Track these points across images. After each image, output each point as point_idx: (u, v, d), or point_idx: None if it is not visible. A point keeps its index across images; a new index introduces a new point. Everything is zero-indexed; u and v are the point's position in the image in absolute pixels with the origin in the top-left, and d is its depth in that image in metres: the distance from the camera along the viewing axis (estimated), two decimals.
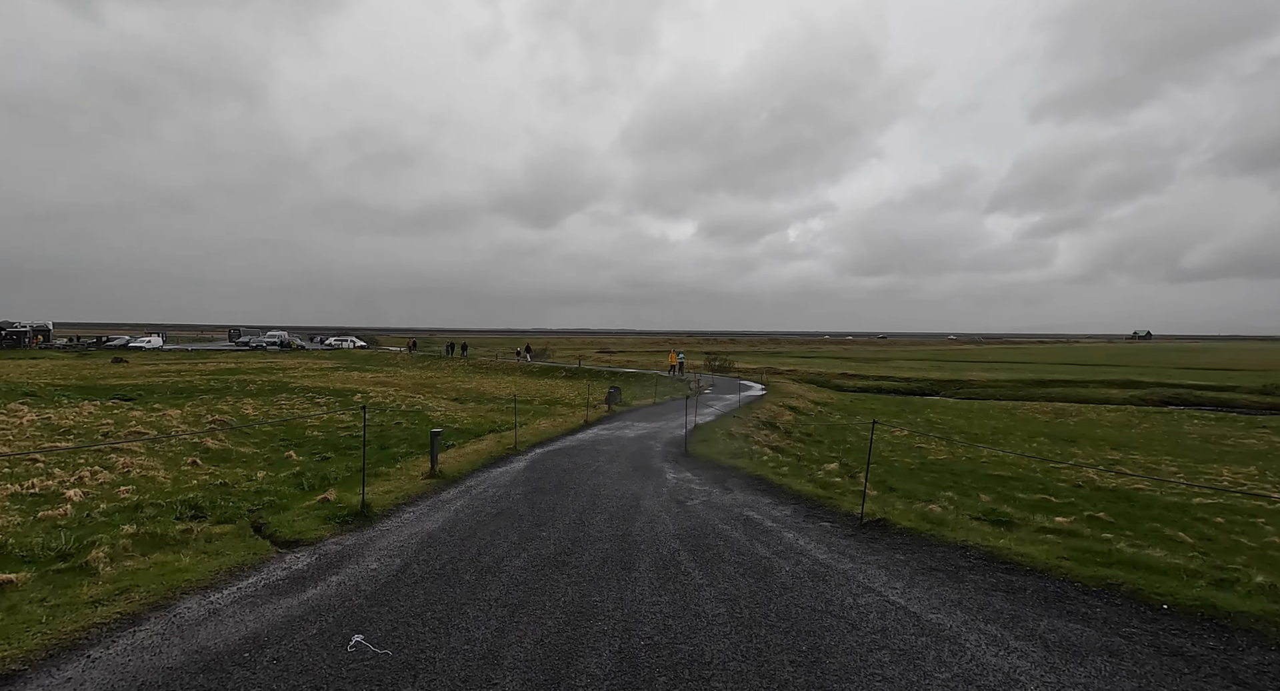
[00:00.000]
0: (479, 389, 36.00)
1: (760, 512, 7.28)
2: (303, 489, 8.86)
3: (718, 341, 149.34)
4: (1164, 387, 47.52)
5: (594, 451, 12.63)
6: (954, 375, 57.75)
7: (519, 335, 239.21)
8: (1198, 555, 7.62)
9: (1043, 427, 25.30)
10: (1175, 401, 42.80)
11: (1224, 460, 18.47)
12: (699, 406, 23.95)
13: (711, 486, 9.01)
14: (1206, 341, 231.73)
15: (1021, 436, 22.79)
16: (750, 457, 11.44)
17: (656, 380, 38.14)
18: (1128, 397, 44.17)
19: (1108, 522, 11.99)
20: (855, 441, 21.00)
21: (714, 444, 13.96)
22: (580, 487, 8.77)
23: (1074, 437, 22.44)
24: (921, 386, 50.83)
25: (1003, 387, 49.60)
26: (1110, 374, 59.52)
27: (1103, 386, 49.51)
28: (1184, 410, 35.55)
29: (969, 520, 6.80)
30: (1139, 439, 22.50)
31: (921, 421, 26.58)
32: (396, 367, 56.22)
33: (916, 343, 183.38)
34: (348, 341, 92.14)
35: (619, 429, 17.00)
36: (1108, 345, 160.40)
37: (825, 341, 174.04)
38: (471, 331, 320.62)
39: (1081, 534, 6.69)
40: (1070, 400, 42.44)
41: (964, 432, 23.52)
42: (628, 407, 22.98)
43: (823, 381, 51.19)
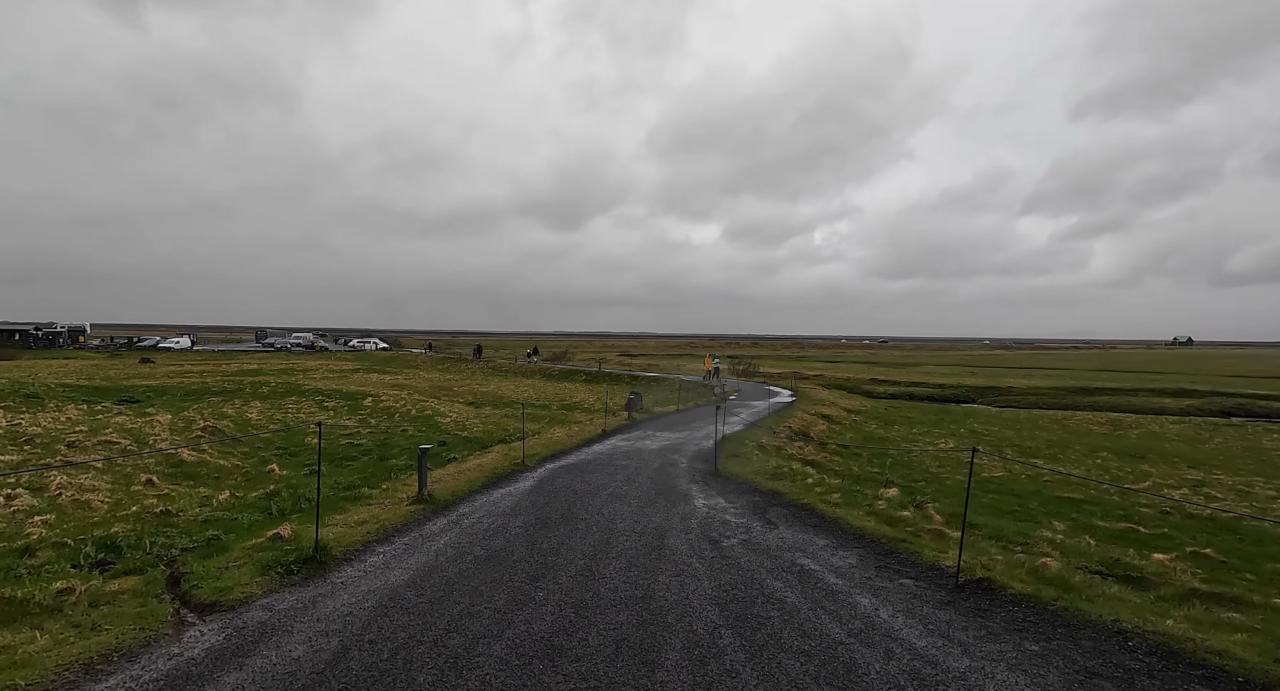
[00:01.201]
0: (496, 392, 34.90)
1: (818, 560, 5.75)
2: (270, 515, 7.58)
3: (741, 345, 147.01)
4: (1222, 397, 44.38)
5: (611, 468, 11.19)
6: (990, 382, 55.02)
7: (541, 337, 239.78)
8: None
9: (1102, 441, 23.14)
10: (1237, 412, 39.80)
11: None
12: (726, 414, 22.36)
13: (750, 518, 7.50)
14: (1251, 348, 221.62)
15: (1081, 451, 20.74)
16: (791, 479, 9.88)
17: (679, 385, 36.60)
18: (1184, 407, 41.26)
19: (1218, 561, 10.13)
20: (898, 455, 19.22)
21: (746, 460, 12.41)
22: (592, 518, 7.33)
23: (1141, 453, 20.32)
24: (957, 393, 48.39)
25: (1045, 395, 46.88)
26: (1159, 382, 56.18)
27: (1154, 395, 46.48)
28: (1256, 422, 32.78)
29: (1090, 577, 5.18)
30: (1216, 455, 20.28)
31: (966, 432, 24.60)
32: (416, 370, 55.63)
33: (945, 347, 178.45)
34: (370, 343, 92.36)
35: (640, 440, 15.55)
36: (1148, 351, 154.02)
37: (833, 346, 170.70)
38: (494, 334, 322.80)
39: (1250, 602, 5.02)
40: (1121, 410, 39.73)
41: (1015, 446, 21.55)
42: (649, 415, 21.51)
43: (852, 387, 49.08)
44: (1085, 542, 6.61)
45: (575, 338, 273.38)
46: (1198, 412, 39.57)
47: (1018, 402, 43.89)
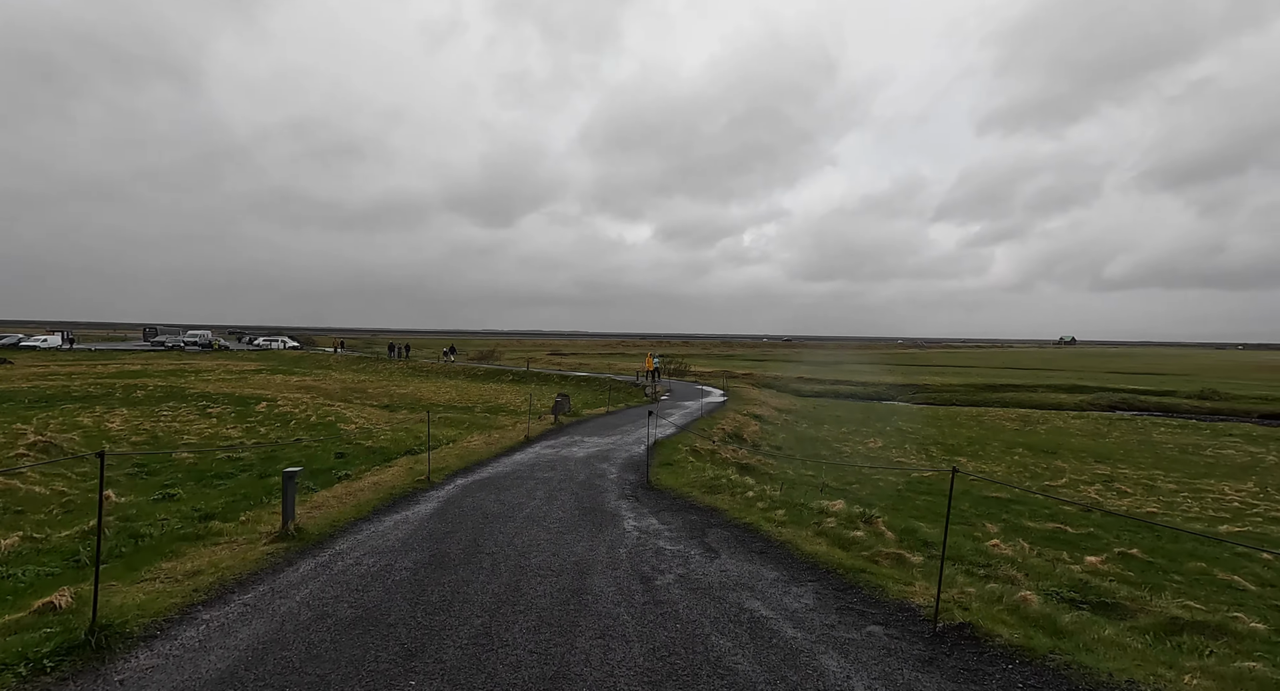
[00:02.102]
0: (415, 395, 32.57)
1: (770, 602, 4.81)
2: (76, 564, 5.86)
3: (672, 344, 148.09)
4: (1109, 392, 48.24)
5: (532, 482, 9.94)
6: (908, 379, 57.48)
7: (470, 336, 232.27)
8: None
9: (1016, 437, 24.07)
10: (1122, 406, 43.28)
11: (1214, 474, 17.36)
12: (658, 416, 21.50)
13: (688, 543, 6.51)
14: (1125, 347, 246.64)
15: (999, 447, 21.38)
16: (730, 492, 9.00)
17: (610, 385, 35.52)
18: (1078, 403, 44.46)
19: (1145, 561, 10.17)
20: (830, 455, 19.01)
21: (681, 469, 11.49)
22: (501, 551, 6.10)
23: (1053, 449, 21.17)
24: (879, 391, 50.10)
25: (958, 392, 49.33)
26: (1054, 379, 60.56)
27: (1051, 391, 49.94)
28: (1144, 416, 35.56)
29: (1078, 614, 4.52)
30: (1117, 449, 21.43)
31: (892, 431, 24.97)
32: (328, 371, 51.63)
33: (863, 347, 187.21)
34: (278, 342, 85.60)
35: (566, 446, 14.34)
36: (1039, 350, 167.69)
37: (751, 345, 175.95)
38: (421, 332, 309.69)
39: (1234, 631, 4.51)
40: (1025, 406, 42.29)
41: (939, 444, 21.96)
42: (578, 418, 20.30)
43: (780, 385, 49.77)
44: (1050, 564, 6.06)
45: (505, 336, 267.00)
46: (1090, 407, 42.71)
47: (934, 400, 45.87)
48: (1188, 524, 12.14)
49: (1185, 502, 13.95)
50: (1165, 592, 8.71)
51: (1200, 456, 20.25)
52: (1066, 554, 10.41)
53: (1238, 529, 11.70)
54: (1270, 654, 4.26)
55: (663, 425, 19.51)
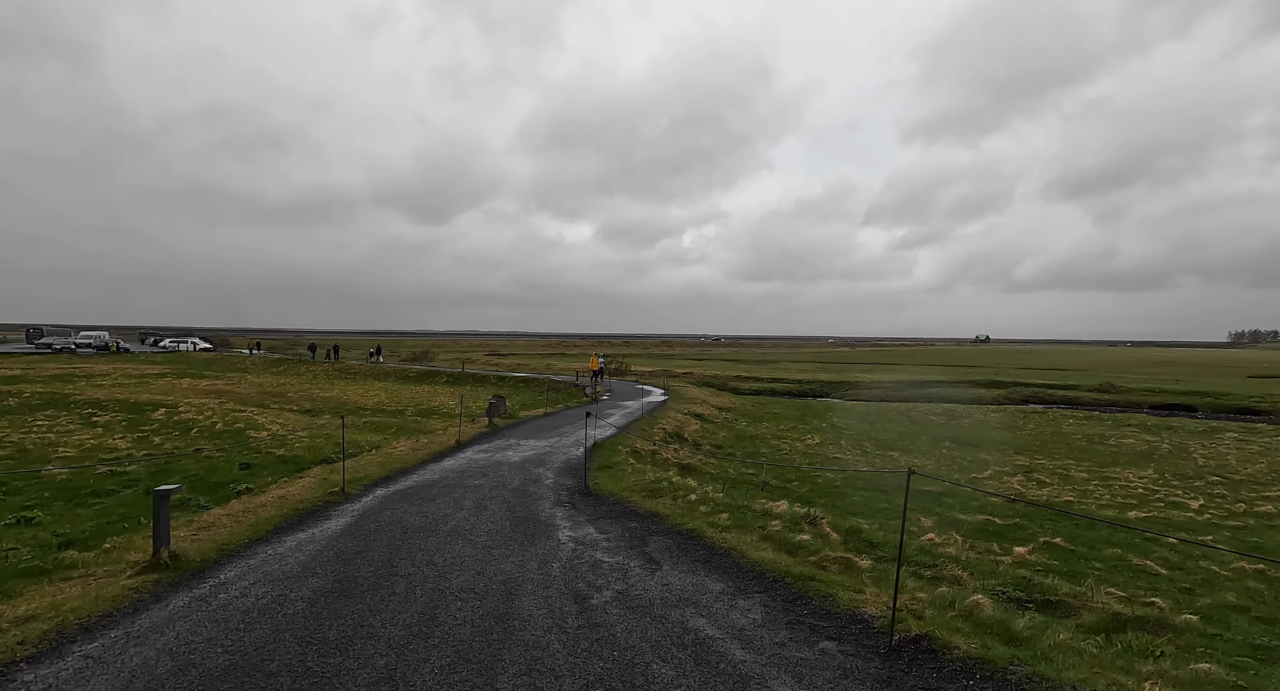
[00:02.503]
0: (341, 398, 30.63)
1: (715, 619, 4.41)
2: None
3: (613, 344, 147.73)
4: (1022, 387, 51.50)
5: (460, 490, 9.21)
6: (840, 377, 59.41)
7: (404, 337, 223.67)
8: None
9: (943, 431, 25.06)
10: (1034, 399, 46.21)
11: (1119, 462, 18.54)
12: (598, 416, 20.99)
13: (628, 554, 6.05)
14: (1033, 344, 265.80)
15: (928, 441, 22.14)
16: (672, 495, 8.62)
17: (549, 385, 34.66)
18: (995, 397, 47.13)
19: (1067, 550, 10.54)
20: (770, 453, 19.08)
21: (621, 471, 11.02)
22: (419, 573, 5.44)
23: (977, 442, 22.12)
24: (814, 388, 51.46)
25: (887, 389, 51.32)
26: (973, 374, 64.12)
27: (971, 386, 52.78)
28: (1053, 409, 38.01)
29: (1031, 617, 4.37)
30: (1033, 441, 22.64)
31: (828, 427, 25.47)
32: (244, 374, 48.03)
33: (798, 345, 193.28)
34: (188, 343, 79.19)
35: (501, 450, 13.61)
36: (958, 348, 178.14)
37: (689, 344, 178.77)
38: (352, 332, 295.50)
39: (1174, 626, 4.49)
40: (948, 401, 44.36)
41: (872, 439, 22.52)
42: (514, 420, 19.50)
43: (720, 384, 50.25)
44: (993, 562, 5.96)
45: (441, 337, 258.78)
46: (1005, 401, 45.36)
47: (864, 396, 47.51)
48: (1101, 511, 12.76)
49: (1097, 490, 14.74)
50: (1088, 580, 9.03)
51: (1105, 446, 21.67)
52: (997, 545, 10.66)
53: (1144, 514, 12.39)
54: (1211, 648, 4.24)
55: (603, 426, 19.01)
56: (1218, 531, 11.42)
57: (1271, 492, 14.61)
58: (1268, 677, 3.57)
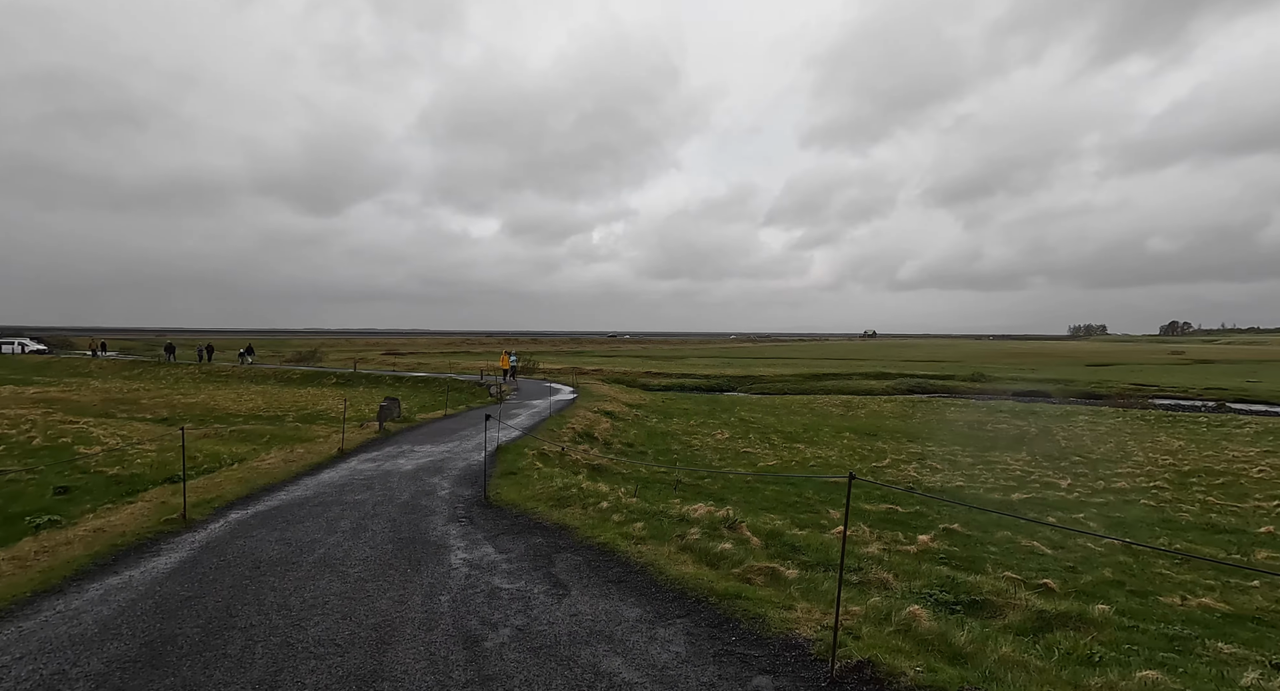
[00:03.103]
0: (208, 404, 27.12)
1: (632, 656, 3.77)
2: None
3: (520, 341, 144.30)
4: (907, 378, 55.52)
5: (338, 507, 7.98)
6: (745, 371, 61.21)
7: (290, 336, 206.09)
8: None
9: (842, 422, 26.13)
10: (918, 389, 49.89)
11: (997, 446, 20.03)
12: (503, 417, 19.83)
13: (531, 578, 5.27)
14: (913, 339, 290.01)
15: (830, 432, 22.91)
16: (582, 503, 7.90)
17: (451, 385, 32.71)
18: (885, 388, 50.43)
19: (963, 534, 10.96)
20: (681, 450, 18.85)
21: (526, 478, 10.15)
22: (267, 622, 4.37)
23: (874, 431, 23.19)
24: (720, 383, 52.59)
25: (789, 382, 53.46)
26: (863, 367, 68.35)
27: (864, 378, 56.21)
28: (936, 398, 41.09)
29: (964, 625, 4.09)
30: (923, 429, 24.09)
31: (736, 421, 25.77)
32: (86, 378, 41.68)
33: (705, 341, 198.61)
34: (14, 345, 68.03)
35: (392, 458, 12.26)
36: (849, 343, 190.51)
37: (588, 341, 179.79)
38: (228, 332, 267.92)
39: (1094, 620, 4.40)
40: (845, 392, 46.86)
41: (779, 431, 22.98)
42: (410, 424, 17.92)
43: (629, 380, 50.08)
44: (916, 566, 5.75)
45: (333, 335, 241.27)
46: (894, 391, 48.63)
47: (768, 389, 49.17)
48: (988, 494, 13.52)
49: (982, 475, 15.71)
50: (987, 564, 9.36)
51: (984, 431, 23.48)
52: (901, 534, 10.90)
53: (1025, 496, 13.26)
54: (1133, 642, 4.16)
55: (508, 427, 17.92)
56: (1087, 508, 12.37)
57: (1122, 469, 16.25)
58: (1204, 680, 3.45)
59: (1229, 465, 16.44)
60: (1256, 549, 9.66)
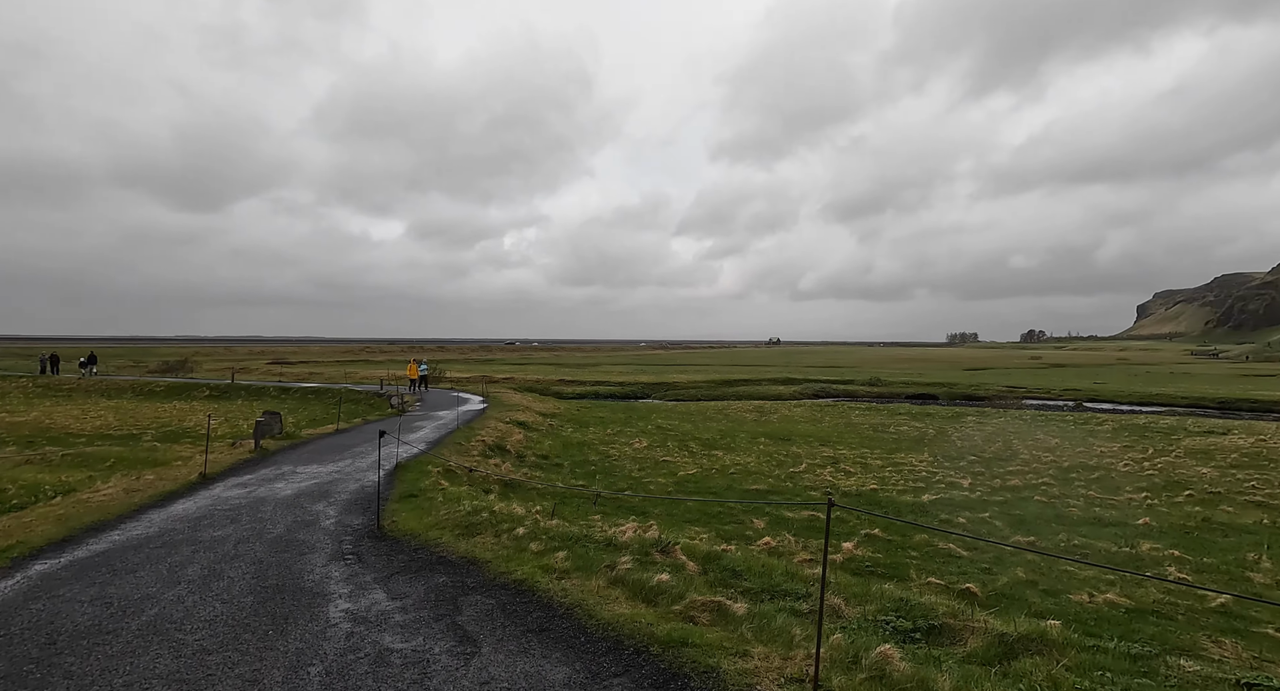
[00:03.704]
0: (42, 423, 23.08)
1: None
2: None
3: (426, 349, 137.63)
4: (812, 383, 57.94)
5: (189, 548, 6.51)
6: (659, 378, 61.39)
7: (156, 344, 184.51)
8: None
9: (757, 427, 26.43)
10: (823, 394, 52.13)
11: (902, 448, 20.88)
12: (403, 431, 18.17)
13: (432, 633, 4.33)
14: (813, 346, 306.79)
15: (746, 438, 23.01)
16: (495, 529, 6.94)
17: (346, 397, 29.98)
18: (792, 393, 52.27)
19: (886, 540, 10.98)
20: (599, 461, 18.07)
21: (429, 501, 8.99)
22: None
23: (787, 436, 23.56)
24: (635, 390, 52.36)
25: (701, 388, 54.17)
26: (771, 373, 70.74)
27: (772, 384, 58.06)
28: (840, 402, 42.96)
29: (940, 665, 3.66)
30: (832, 433, 24.80)
31: (653, 428, 25.37)
32: None
33: (618, 348, 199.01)
34: None
35: (267, 482, 10.59)
36: (755, 350, 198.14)
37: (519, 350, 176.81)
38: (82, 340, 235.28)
39: (1054, 641, 4.14)
40: (755, 398, 48.02)
41: (696, 439, 22.79)
42: (294, 441, 15.91)
43: (542, 389, 48.70)
44: (865, 588, 5.34)
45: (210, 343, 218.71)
46: (800, 396, 50.47)
47: (682, 396, 49.50)
48: (900, 497, 13.82)
49: (893, 476, 16.16)
50: (911, 570, 9.35)
51: (888, 433, 24.54)
52: None
53: (934, 496, 13.67)
54: (1101, 664, 3.90)
55: (411, 441, 16.39)
56: (990, 507, 12.89)
57: (1012, 467, 17.32)
58: None
59: (1099, 460, 18.00)
60: (1140, 541, 10.33)
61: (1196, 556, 9.52)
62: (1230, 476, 15.60)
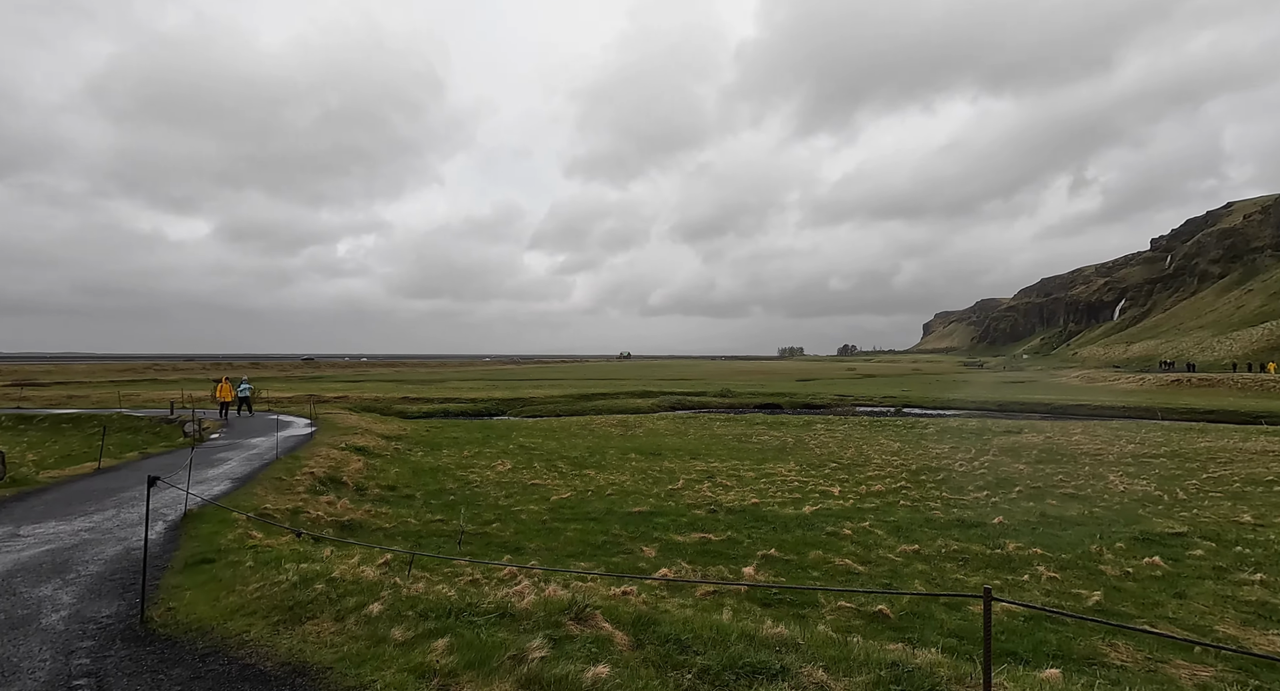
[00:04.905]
0: None
1: None
2: None
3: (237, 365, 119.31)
4: (668, 395, 59.02)
5: None
6: (514, 393, 58.60)
7: None
8: None
9: (625, 442, 25.56)
10: (679, 406, 53.21)
11: (769, 458, 21.23)
12: (200, 466, 14.41)
13: None
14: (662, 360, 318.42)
15: (616, 455, 21.99)
16: (335, 610, 4.96)
17: (123, 425, 23.78)
18: (650, 405, 52.65)
19: (783, 560, 10.43)
20: (458, 489, 15.80)
21: (234, 567, 6.54)
22: None
23: (656, 451, 22.96)
24: (490, 407, 49.26)
25: (560, 403, 52.51)
26: (627, 386, 71.08)
27: (630, 397, 58.10)
28: (699, 413, 43.84)
29: None
30: (700, 445, 24.71)
31: (515, 448, 23.36)
32: None
33: (467, 363, 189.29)
34: None
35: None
36: (607, 363, 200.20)
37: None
38: None
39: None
40: (615, 412, 47.49)
41: (564, 457, 21.28)
42: (24, 488, 11.69)
43: (383, 408, 43.77)
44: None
45: None
46: (658, 409, 50.98)
47: (541, 412, 47.43)
48: (782, 510, 13.62)
49: (768, 488, 16.07)
50: (819, 594, 8.81)
51: (751, 444, 25.04)
52: (725, 567, 9.96)
53: (814, 508, 13.65)
54: None
55: (208, 481, 13.01)
56: (865, 515, 13.09)
57: (870, 472, 18.25)
58: None
59: (938, 462, 19.68)
60: (1004, 540, 10.88)
61: (1055, 553, 10.18)
62: (1041, 471, 17.78)
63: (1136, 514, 12.81)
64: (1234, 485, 15.51)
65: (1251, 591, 8.37)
